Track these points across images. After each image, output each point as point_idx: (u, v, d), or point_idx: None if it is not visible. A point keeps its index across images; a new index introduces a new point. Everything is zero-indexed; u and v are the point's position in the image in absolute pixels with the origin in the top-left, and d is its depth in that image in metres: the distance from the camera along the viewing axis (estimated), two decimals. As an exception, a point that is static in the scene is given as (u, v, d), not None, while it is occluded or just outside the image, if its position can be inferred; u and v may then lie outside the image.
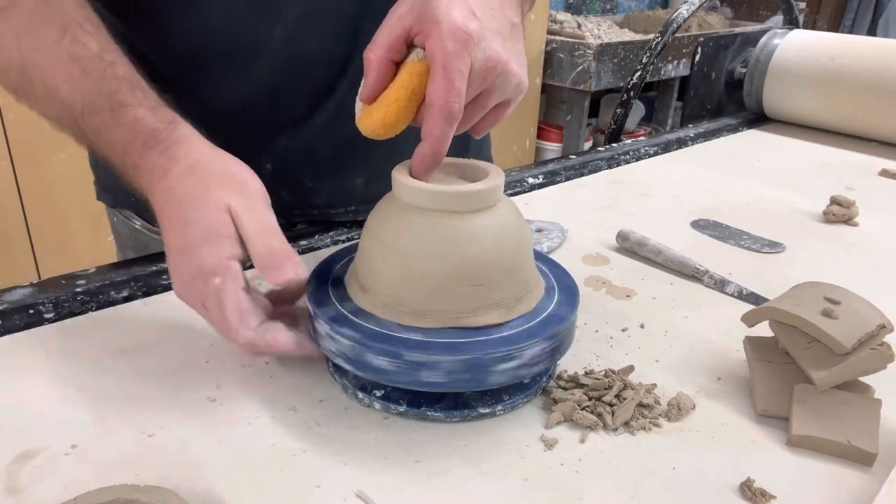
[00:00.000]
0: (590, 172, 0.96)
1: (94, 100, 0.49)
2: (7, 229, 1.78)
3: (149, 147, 0.48)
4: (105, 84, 0.49)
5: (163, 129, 0.48)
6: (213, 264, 0.44)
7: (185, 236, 0.45)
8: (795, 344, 0.47)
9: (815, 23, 3.86)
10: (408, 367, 0.42)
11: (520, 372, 0.44)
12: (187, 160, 0.47)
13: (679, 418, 0.46)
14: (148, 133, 0.48)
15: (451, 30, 0.41)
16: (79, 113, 0.49)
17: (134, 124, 0.48)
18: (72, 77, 0.49)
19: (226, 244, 0.44)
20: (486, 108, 0.46)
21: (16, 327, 0.54)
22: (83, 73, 0.49)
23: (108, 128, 0.49)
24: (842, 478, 0.42)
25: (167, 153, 0.48)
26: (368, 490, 0.39)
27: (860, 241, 0.77)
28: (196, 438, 0.43)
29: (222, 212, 0.45)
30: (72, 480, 0.39)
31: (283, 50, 0.62)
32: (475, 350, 0.42)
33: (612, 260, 0.70)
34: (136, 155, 0.48)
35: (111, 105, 0.49)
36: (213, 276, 0.44)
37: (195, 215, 0.45)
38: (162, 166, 0.47)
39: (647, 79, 1.27)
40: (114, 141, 0.49)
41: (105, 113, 0.49)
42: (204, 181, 0.46)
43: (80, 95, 0.49)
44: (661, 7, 3.48)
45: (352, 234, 0.72)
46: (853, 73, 1.09)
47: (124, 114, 0.48)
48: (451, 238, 0.44)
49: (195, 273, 0.44)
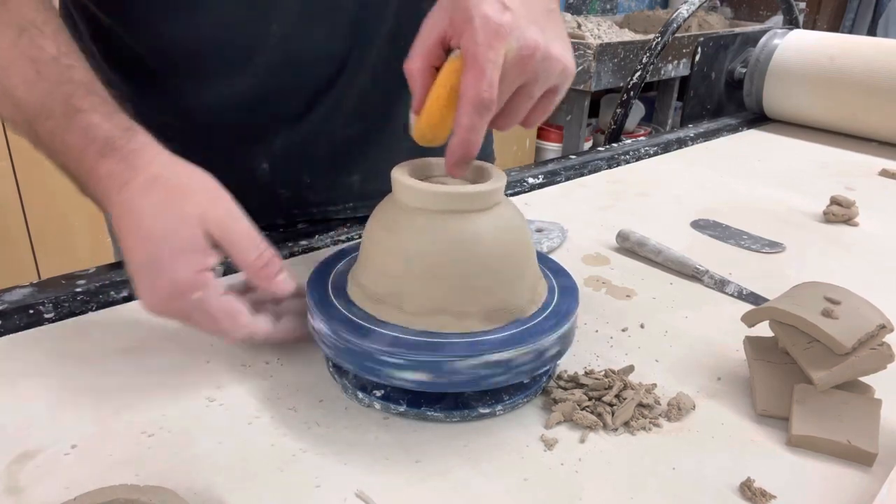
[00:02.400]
0: (590, 172, 0.96)
1: (48, 103, 0.47)
2: (7, 229, 1.78)
3: (104, 155, 0.46)
4: (60, 88, 0.47)
5: (119, 137, 0.47)
6: (190, 279, 0.43)
7: (152, 252, 0.44)
8: (795, 344, 0.47)
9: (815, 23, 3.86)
10: (408, 368, 0.42)
11: (519, 373, 0.44)
12: (148, 171, 0.46)
13: (679, 418, 0.46)
14: (103, 140, 0.46)
15: (483, 24, 0.41)
16: (33, 116, 0.48)
17: (88, 130, 0.47)
18: (27, 79, 0.47)
19: (198, 257, 0.44)
20: (532, 98, 0.45)
21: (16, 327, 0.54)
22: (38, 76, 0.47)
23: (61, 133, 0.47)
24: (842, 478, 0.42)
25: (125, 162, 0.46)
26: (368, 490, 0.39)
27: (860, 241, 0.77)
28: (196, 438, 0.43)
29: (192, 224, 0.44)
30: (72, 480, 0.39)
31: (280, 48, 0.62)
32: (475, 351, 0.42)
33: (612, 260, 0.70)
34: (91, 162, 0.46)
35: (65, 109, 0.47)
36: (191, 291, 0.44)
37: (162, 230, 0.44)
38: (119, 176, 0.46)
39: (647, 79, 1.27)
40: (68, 146, 0.47)
41: (59, 117, 0.47)
42: (169, 193, 0.45)
43: (35, 98, 0.47)
44: (661, 7, 3.48)
45: (352, 234, 0.72)
46: (853, 73, 1.09)
47: (78, 119, 0.47)
48: (451, 239, 0.44)
49: (171, 290, 0.44)
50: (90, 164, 0.46)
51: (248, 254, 0.45)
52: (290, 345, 0.51)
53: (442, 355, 0.42)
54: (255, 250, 0.45)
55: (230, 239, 0.45)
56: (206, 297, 0.44)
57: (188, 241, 0.44)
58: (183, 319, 0.46)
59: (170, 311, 0.45)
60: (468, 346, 0.43)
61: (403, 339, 0.43)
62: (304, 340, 0.49)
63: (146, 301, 0.45)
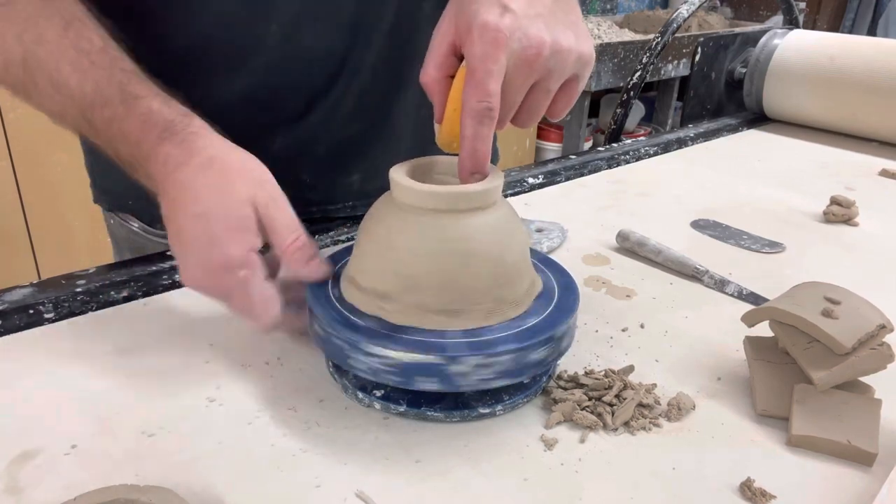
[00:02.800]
0: (590, 172, 0.96)
1: (104, 91, 0.49)
2: (7, 229, 1.78)
3: (164, 138, 0.48)
4: (114, 76, 0.49)
5: (179, 121, 0.48)
6: (241, 256, 0.45)
7: (207, 228, 0.45)
8: (795, 344, 0.47)
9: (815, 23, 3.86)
10: (402, 368, 0.42)
11: (493, 379, 0.43)
12: (206, 153, 0.47)
13: (679, 418, 0.46)
14: (164, 124, 0.48)
15: (480, 33, 0.41)
16: (88, 104, 0.49)
17: (149, 115, 0.48)
18: (80, 69, 0.49)
19: (250, 237, 0.46)
20: (549, 93, 0.45)
21: (16, 327, 0.54)
22: (91, 65, 0.49)
23: (119, 119, 0.49)
24: (842, 478, 0.42)
25: (184, 145, 0.47)
26: (368, 490, 0.39)
27: (860, 241, 0.77)
28: (196, 438, 0.43)
29: (246, 205, 0.46)
30: (72, 480, 0.39)
31: (279, 48, 0.62)
32: (471, 351, 0.42)
33: (612, 260, 0.70)
34: (151, 146, 0.48)
35: (123, 96, 0.49)
36: (239, 267, 0.45)
37: (218, 208, 0.45)
38: (176, 157, 0.47)
39: (647, 79, 1.27)
40: (126, 132, 0.49)
41: (116, 104, 0.49)
42: (224, 175, 0.47)
43: (91, 87, 0.49)
44: (661, 7, 3.48)
45: (351, 234, 0.72)
46: (853, 73, 1.09)
47: (137, 105, 0.48)
48: (446, 238, 0.44)
49: (221, 264, 0.45)
50: (149, 148, 0.48)
51: (287, 237, 0.47)
52: (297, 338, 0.51)
53: (435, 355, 0.42)
54: (293, 234, 0.47)
55: (273, 221, 0.46)
56: (250, 277, 0.45)
57: (242, 220, 0.45)
58: (223, 297, 0.47)
59: (215, 286, 0.46)
60: (463, 345, 0.43)
61: (397, 336, 0.43)
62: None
63: (194, 274, 0.47)
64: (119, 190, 0.75)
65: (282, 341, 0.53)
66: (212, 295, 0.47)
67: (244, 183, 0.47)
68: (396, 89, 0.71)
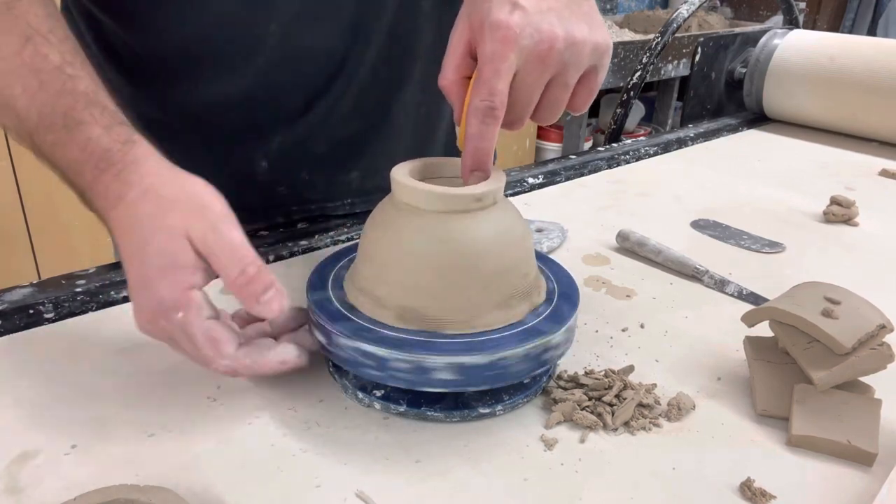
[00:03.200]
0: (590, 172, 0.96)
1: (49, 115, 0.46)
2: (7, 229, 1.78)
3: (102, 169, 0.44)
4: (62, 99, 0.46)
5: (117, 150, 0.45)
6: (174, 298, 0.41)
7: (140, 269, 0.42)
8: (795, 344, 0.47)
9: (815, 23, 3.86)
10: (406, 369, 0.42)
11: (518, 373, 0.44)
12: (142, 185, 0.44)
13: (679, 418, 0.46)
14: (101, 154, 0.45)
15: (491, 32, 0.41)
16: (34, 127, 0.46)
17: (87, 144, 0.45)
18: (29, 90, 0.46)
19: (183, 274, 0.42)
20: (568, 87, 0.44)
21: (16, 327, 0.54)
22: (40, 87, 0.46)
23: (62, 146, 0.46)
24: (842, 478, 0.42)
25: (121, 177, 0.44)
26: (368, 490, 0.39)
27: (860, 241, 0.77)
28: (196, 438, 0.43)
29: (178, 239, 0.42)
30: (72, 480, 0.39)
31: (279, 46, 0.62)
32: (475, 351, 0.42)
33: (612, 260, 0.70)
34: (90, 177, 0.45)
35: (65, 122, 0.45)
36: (174, 310, 0.41)
37: (150, 246, 0.42)
38: (115, 191, 0.44)
39: (647, 79, 1.27)
40: (68, 160, 0.46)
41: (59, 130, 0.45)
42: (159, 207, 0.43)
43: (36, 110, 0.46)
44: (661, 7, 3.48)
45: (351, 234, 0.72)
46: (853, 73, 1.09)
47: (78, 132, 0.45)
48: (449, 239, 0.44)
49: (156, 309, 0.42)
50: (89, 180, 0.45)
51: (231, 270, 0.42)
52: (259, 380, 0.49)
53: (438, 355, 0.42)
54: (237, 266, 0.42)
55: (212, 253, 0.42)
56: (187, 318, 0.41)
57: (174, 257, 0.42)
58: (168, 342, 0.44)
59: (155, 331, 0.43)
60: (465, 346, 0.43)
61: (400, 338, 0.43)
62: (299, 370, 0.46)
63: (137, 321, 0.44)
64: None
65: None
66: (158, 339, 0.44)
67: (178, 213, 0.43)
68: (396, 88, 0.71)
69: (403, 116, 0.73)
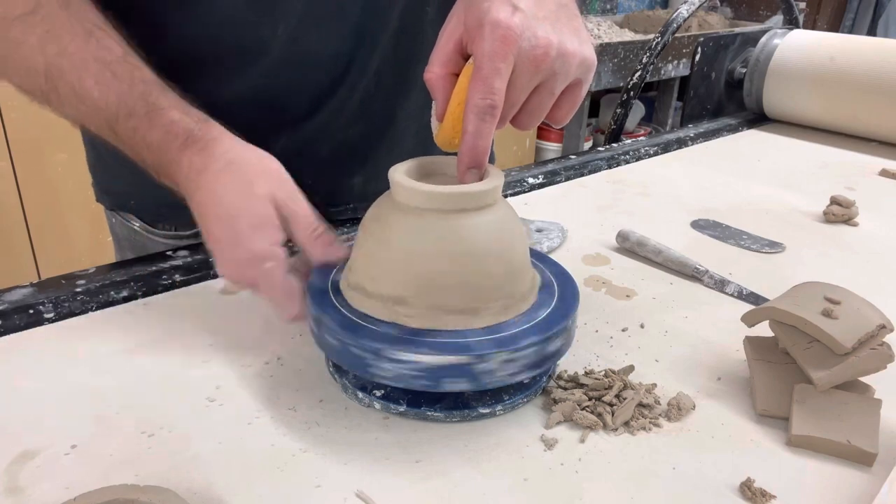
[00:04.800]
0: (590, 172, 0.96)
1: (127, 103, 0.51)
2: (7, 229, 1.78)
3: (186, 146, 0.50)
4: (136, 87, 0.51)
5: (198, 129, 0.51)
6: (265, 250, 0.48)
7: (233, 227, 0.48)
8: (795, 344, 0.47)
9: (815, 23, 3.86)
10: (401, 368, 0.42)
11: (518, 373, 0.44)
12: (225, 157, 0.50)
13: (679, 418, 0.46)
14: (185, 133, 0.51)
15: (491, 31, 0.42)
16: (113, 116, 0.51)
17: (171, 126, 0.51)
18: (102, 80, 0.51)
19: (274, 232, 0.48)
20: (553, 95, 0.45)
21: (16, 327, 0.54)
22: (113, 77, 0.51)
23: (143, 130, 0.51)
24: (842, 478, 0.42)
25: (204, 152, 0.50)
26: (368, 490, 0.39)
27: (860, 241, 0.77)
28: (196, 438, 0.43)
29: (266, 203, 0.49)
30: (72, 480, 0.39)
31: (284, 50, 0.62)
32: (470, 351, 0.42)
33: (612, 260, 0.70)
34: (174, 154, 0.51)
35: (146, 108, 0.51)
36: (264, 260, 0.48)
37: (241, 208, 0.48)
38: (199, 164, 0.50)
39: (647, 79, 1.27)
40: (150, 142, 0.51)
41: (140, 115, 0.51)
42: (244, 176, 0.50)
43: (114, 98, 0.51)
44: (661, 7, 3.48)
45: (352, 234, 0.72)
46: (853, 73, 1.09)
47: (160, 116, 0.51)
48: (445, 238, 0.44)
49: (249, 259, 0.48)
50: (172, 156, 0.51)
51: (308, 227, 0.50)
52: None
53: (463, 355, 0.42)
54: (311, 224, 0.50)
55: (293, 215, 0.50)
56: (275, 268, 0.48)
57: (263, 217, 0.48)
58: (253, 287, 0.49)
59: (245, 278, 0.49)
60: (487, 343, 0.43)
61: (389, 335, 0.43)
62: None
63: (226, 269, 0.50)
64: (120, 190, 0.75)
65: (282, 341, 0.53)
66: (243, 285, 0.50)
67: (263, 182, 0.49)
68: (400, 92, 0.71)
69: (407, 122, 0.73)
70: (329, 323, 0.44)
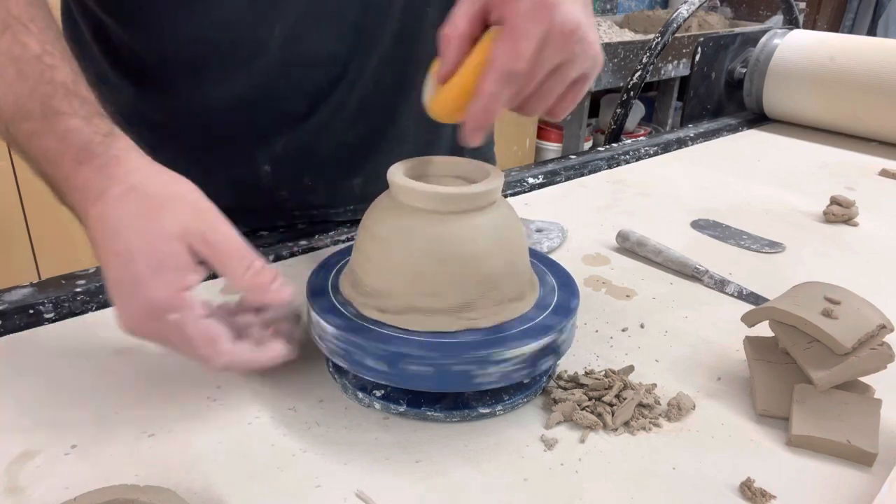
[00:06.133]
0: (590, 172, 0.96)
1: (26, 104, 0.44)
2: (7, 229, 1.78)
3: (80, 162, 0.43)
4: (40, 88, 0.44)
5: (98, 143, 0.44)
6: (167, 299, 0.41)
7: (128, 269, 0.41)
8: (795, 344, 0.47)
9: (815, 23, 3.86)
10: (403, 368, 0.42)
11: (518, 373, 0.44)
12: (127, 181, 0.43)
13: (679, 418, 0.46)
14: (81, 145, 0.43)
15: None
16: (10, 117, 0.45)
17: (66, 134, 0.44)
18: (5, 78, 0.45)
19: (177, 276, 0.41)
20: (565, 82, 0.43)
21: (16, 327, 0.54)
22: (18, 75, 0.45)
23: (39, 136, 0.44)
24: (842, 478, 0.42)
25: (103, 171, 0.43)
26: (368, 490, 0.39)
27: (860, 241, 0.77)
28: (196, 438, 0.43)
29: (172, 240, 0.41)
30: (72, 480, 0.39)
31: (282, 49, 0.62)
32: (470, 351, 0.42)
33: (612, 260, 0.70)
34: (68, 169, 0.44)
35: (43, 111, 0.44)
36: (167, 312, 0.41)
37: (140, 246, 0.41)
38: (97, 186, 0.43)
39: (647, 79, 1.27)
40: (44, 150, 0.44)
41: (37, 119, 0.44)
42: (147, 206, 0.42)
43: (13, 98, 0.44)
44: (661, 7, 3.48)
45: (351, 234, 0.72)
46: (853, 73, 1.09)
47: (57, 122, 0.44)
48: (444, 238, 0.44)
49: (147, 310, 0.41)
50: (66, 172, 0.44)
51: (237, 267, 0.42)
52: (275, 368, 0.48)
53: (427, 353, 0.42)
54: (243, 262, 0.43)
55: (216, 253, 0.42)
56: (183, 319, 0.41)
57: (167, 259, 0.41)
58: (160, 342, 0.43)
59: (146, 333, 0.42)
60: (454, 346, 0.43)
61: (391, 336, 0.43)
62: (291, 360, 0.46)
63: (122, 320, 0.43)
64: None
65: (282, 341, 0.53)
66: (148, 340, 0.43)
67: (172, 214, 0.42)
68: (400, 94, 0.70)
69: (407, 123, 0.72)
70: (329, 324, 0.44)
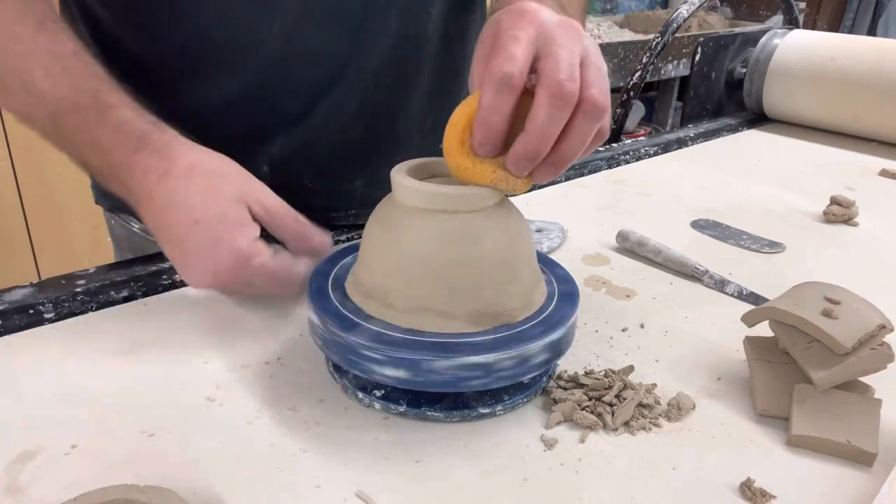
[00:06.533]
0: (590, 172, 0.96)
1: (76, 98, 0.49)
2: (7, 229, 1.78)
3: (139, 148, 0.49)
4: (87, 82, 0.49)
5: (151, 131, 0.49)
6: (248, 249, 0.48)
7: (208, 232, 0.48)
8: (795, 344, 0.47)
9: (815, 23, 3.86)
10: (388, 364, 0.42)
11: (518, 373, 0.44)
12: (185, 160, 0.49)
13: (679, 418, 0.46)
14: (138, 135, 0.49)
15: (508, 11, 0.42)
16: (59, 110, 0.49)
17: (121, 125, 0.49)
18: (52, 73, 0.49)
19: (249, 230, 0.49)
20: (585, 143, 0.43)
21: (16, 327, 0.54)
22: (63, 71, 0.49)
23: (91, 127, 0.49)
24: (842, 478, 0.42)
25: (161, 154, 0.49)
26: (368, 490, 0.39)
27: (860, 241, 0.77)
28: (196, 438, 0.43)
29: (238, 203, 0.49)
30: (72, 480, 0.39)
31: (281, 48, 0.62)
32: (473, 351, 0.42)
33: (612, 260, 0.70)
34: (124, 156, 0.49)
35: (95, 104, 0.49)
36: (251, 258, 0.48)
37: (216, 212, 0.48)
38: (157, 168, 0.48)
39: (647, 79, 1.27)
40: (95, 140, 0.49)
41: (89, 112, 0.49)
42: (210, 179, 0.49)
43: (62, 92, 0.49)
44: (661, 7, 3.48)
45: (352, 235, 0.72)
46: (853, 73, 1.09)
47: (110, 114, 0.49)
48: (446, 239, 0.44)
49: (235, 261, 0.48)
50: (123, 159, 0.49)
51: (287, 219, 0.51)
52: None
53: (420, 354, 0.42)
54: (290, 217, 0.51)
55: (270, 212, 0.50)
56: (264, 260, 0.49)
57: (239, 218, 0.49)
58: (244, 287, 0.50)
59: (232, 281, 0.49)
60: (448, 346, 0.43)
61: (386, 335, 0.43)
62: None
63: (203, 278, 0.50)
64: None
65: (282, 341, 0.53)
66: (233, 287, 0.50)
67: (230, 183, 0.49)
68: (401, 95, 0.70)
69: (408, 125, 0.72)
70: (332, 325, 0.44)
